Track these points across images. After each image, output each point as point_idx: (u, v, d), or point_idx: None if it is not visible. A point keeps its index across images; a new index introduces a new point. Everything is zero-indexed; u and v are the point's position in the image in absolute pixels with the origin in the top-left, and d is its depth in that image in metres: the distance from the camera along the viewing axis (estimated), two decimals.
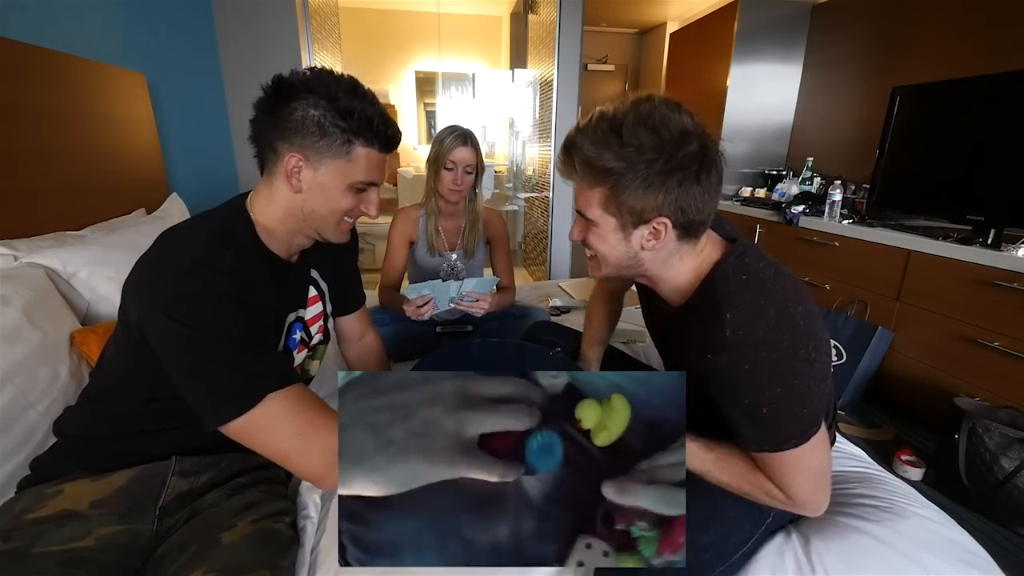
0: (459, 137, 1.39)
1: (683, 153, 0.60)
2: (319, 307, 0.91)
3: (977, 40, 2.00)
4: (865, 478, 0.91)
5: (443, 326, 1.54)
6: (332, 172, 0.71)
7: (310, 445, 0.62)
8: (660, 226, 0.63)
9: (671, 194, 0.61)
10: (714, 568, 0.69)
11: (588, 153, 0.62)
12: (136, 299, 0.66)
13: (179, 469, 0.74)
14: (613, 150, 0.61)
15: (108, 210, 1.47)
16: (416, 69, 4.63)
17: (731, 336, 0.60)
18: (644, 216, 0.63)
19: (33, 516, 0.64)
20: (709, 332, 0.62)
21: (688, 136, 0.60)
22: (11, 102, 1.15)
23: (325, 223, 0.76)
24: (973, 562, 0.73)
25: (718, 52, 2.96)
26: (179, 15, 2.11)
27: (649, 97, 0.62)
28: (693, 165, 0.60)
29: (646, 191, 0.61)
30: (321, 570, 0.72)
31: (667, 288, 0.73)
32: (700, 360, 0.63)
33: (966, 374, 1.67)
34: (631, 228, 0.65)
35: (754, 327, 0.60)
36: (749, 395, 0.61)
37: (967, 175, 1.79)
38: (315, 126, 0.67)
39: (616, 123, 0.61)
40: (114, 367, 0.74)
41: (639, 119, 0.60)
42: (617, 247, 0.68)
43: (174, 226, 0.74)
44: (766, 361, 0.59)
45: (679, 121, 0.60)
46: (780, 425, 0.62)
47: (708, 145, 0.61)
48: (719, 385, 0.64)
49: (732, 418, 0.65)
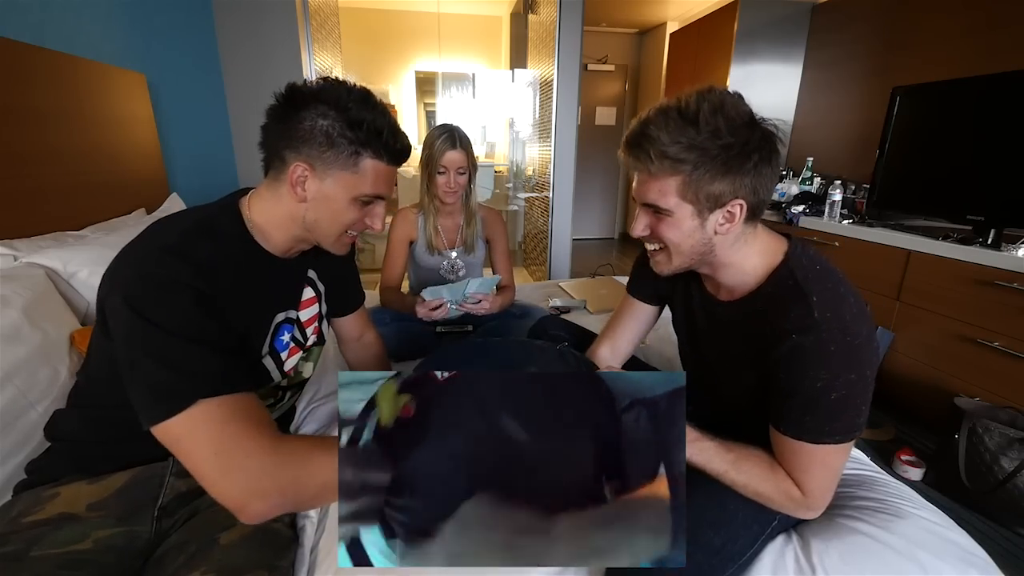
0: (448, 140, 1.39)
1: (756, 136, 0.63)
2: (315, 308, 0.90)
3: (977, 40, 2.00)
4: (865, 479, 0.91)
5: (443, 326, 1.54)
6: (338, 183, 0.70)
7: (230, 465, 0.54)
8: (735, 208, 0.66)
9: (747, 176, 0.64)
10: (725, 571, 0.69)
11: (664, 142, 0.63)
12: (103, 283, 0.64)
13: (177, 470, 0.73)
14: (689, 137, 0.62)
15: (108, 210, 1.47)
16: (416, 69, 4.63)
17: (819, 317, 0.62)
18: (721, 200, 0.65)
19: (30, 519, 0.63)
20: (792, 314, 0.64)
21: (756, 122, 0.64)
22: (11, 102, 1.15)
23: (327, 235, 0.75)
24: (973, 562, 0.73)
25: (718, 52, 2.96)
26: (179, 15, 2.11)
27: (711, 88, 0.64)
28: (765, 147, 0.64)
29: (724, 175, 0.63)
30: (320, 570, 0.72)
31: (731, 275, 0.74)
32: (773, 347, 0.65)
33: (966, 374, 1.67)
34: (707, 213, 0.66)
35: (840, 311, 0.62)
36: (824, 377, 0.62)
37: (967, 175, 1.79)
38: (323, 136, 0.67)
39: (688, 112, 0.63)
40: (99, 367, 0.72)
41: (713, 107, 0.62)
42: (693, 234, 0.69)
43: (164, 216, 0.73)
44: (850, 346, 0.61)
45: (747, 108, 0.64)
46: (839, 414, 0.63)
47: (773, 131, 0.65)
48: (795, 367, 0.64)
49: (790, 405, 0.65)
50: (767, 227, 0.74)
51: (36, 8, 1.32)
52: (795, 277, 0.67)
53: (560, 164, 3.09)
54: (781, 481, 0.68)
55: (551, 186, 3.15)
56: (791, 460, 0.67)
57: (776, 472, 0.69)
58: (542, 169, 3.39)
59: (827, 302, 0.63)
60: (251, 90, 2.49)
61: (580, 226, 4.91)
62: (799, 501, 0.68)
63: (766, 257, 0.71)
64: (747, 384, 0.75)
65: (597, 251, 4.94)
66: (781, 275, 0.69)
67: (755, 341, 0.70)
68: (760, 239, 0.72)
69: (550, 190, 3.17)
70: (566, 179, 3.13)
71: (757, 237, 0.72)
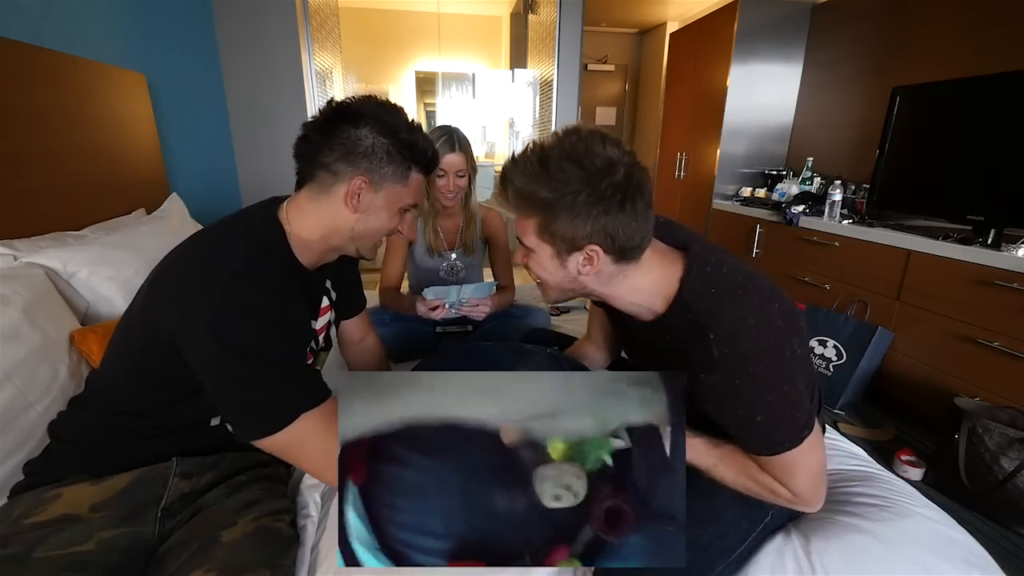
0: (447, 143, 1.38)
1: (607, 184, 0.61)
2: (328, 316, 0.93)
3: (977, 40, 2.00)
4: (865, 477, 0.91)
5: (443, 326, 1.54)
6: (389, 196, 0.76)
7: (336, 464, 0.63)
8: (592, 253, 0.65)
9: (598, 222, 0.62)
10: (713, 567, 0.69)
11: (519, 185, 0.65)
12: (175, 307, 0.65)
13: (180, 470, 0.73)
14: (542, 182, 0.62)
15: (108, 210, 1.47)
16: (416, 69, 4.63)
17: (718, 355, 0.61)
18: (576, 244, 0.64)
19: (32, 520, 0.63)
20: (696, 353, 0.64)
21: (614, 166, 0.61)
22: (11, 102, 1.15)
23: (368, 241, 0.80)
24: (973, 562, 0.73)
25: (718, 52, 2.96)
26: (179, 15, 2.11)
27: (576, 130, 0.64)
28: (617, 195, 0.61)
29: (574, 220, 0.62)
30: (321, 569, 0.72)
31: (625, 304, 0.73)
32: (691, 379, 0.65)
33: (966, 374, 1.67)
34: (566, 255, 0.66)
35: (738, 341, 0.61)
36: (742, 407, 0.63)
37: (967, 175, 1.79)
38: (384, 153, 0.73)
39: (544, 156, 0.63)
40: (119, 373, 0.74)
41: (564, 153, 0.62)
42: (556, 272, 0.69)
43: (207, 231, 0.74)
44: (755, 374, 0.61)
45: (604, 153, 0.62)
46: (774, 431, 0.64)
47: (633, 173, 0.62)
48: (712, 401, 0.66)
49: (728, 427, 0.68)
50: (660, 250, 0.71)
51: (36, 8, 1.32)
52: (691, 311, 0.65)
53: None
54: (769, 481, 0.68)
55: None
56: (769, 470, 0.68)
57: (763, 472, 0.69)
58: None
59: (724, 336, 0.61)
60: (251, 90, 2.49)
61: None
62: (791, 500, 0.69)
63: (662, 284, 0.69)
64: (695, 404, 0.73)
65: None
66: (679, 307, 0.67)
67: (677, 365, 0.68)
68: (646, 271, 0.69)
69: None
70: None
71: (640, 270, 0.69)
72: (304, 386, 0.66)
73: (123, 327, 0.74)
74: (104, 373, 0.77)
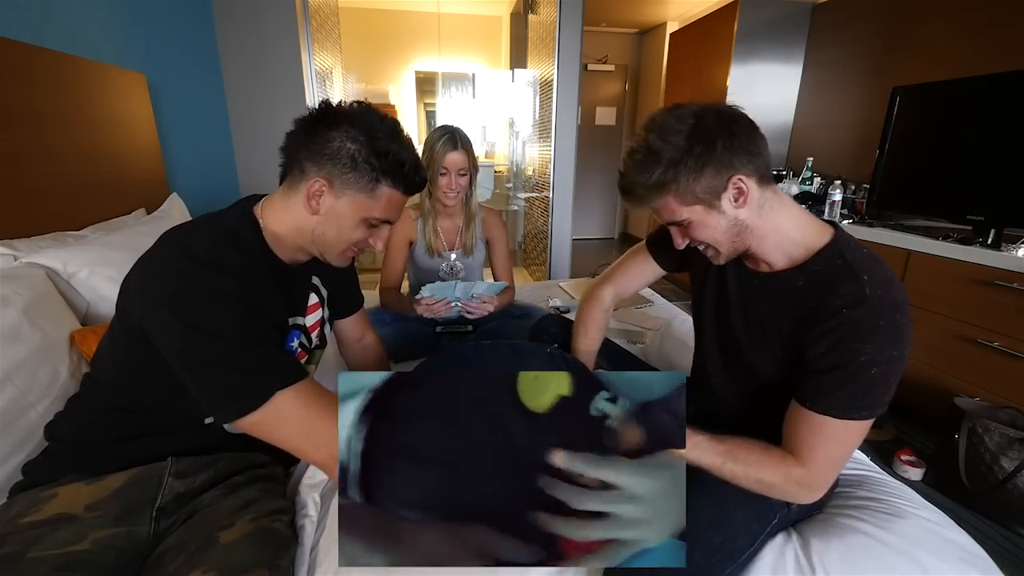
0: (449, 141, 1.39)
1: (707, 125, 0.67)
2: (319, 314, 0.92)
3: (977, 40, 2.01)
4: (865, 479, 0.91)
5: (443, 326, 1.54)
6: (351, 204, 0.74)
7: (319, 441, 0.64)
8: (738, 182, 0.69)
9: (724, 158, 0.67)
10: (723, 570, 0.69)
11: (640, 182, 0.71)
12: (138, 296, 0.66)
13: (175, 470, 0.73)
14: (653, 165, 0.69)
15: (108, 210, 1.47)
16: (416, 69, 4.63)
17: (871, 293, 0.65)
18: (718, 187, 0.69)
19: (28, 520, 0.63)
20: (843, 290, 0.67)
21: (701, 115, 0.68)
22: (11, 102, 1.15)
23: (331, 249, 0.78)
24: (973, 562, 0.73)
25: (718, 52, 2.96)
26: (179, 15, 2.11)
27: (651, 118, 0.72)
28: (725, 126, 0.68)
29: (702, 171, 0.68)
30: (320, 569, 0.72)
31: (774, 245, 0.75)
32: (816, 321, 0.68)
33: (966, 374, 1.67)
34: (716, 201, 0.70)
35: (891, 291, 0.65)
36: (869, 351, 0.64)
37: (967, 175, 1.79)
38: (348, 159, 0.71)
39: (643, 147, 0.70)
40: (109, 370, 0.74)
41: (655, 131, 0.69)
42: (719, 223, 0.72)
43: (178, 225, 0.74)
44: (899, 323, 0.64)
45: (686, 111, 0.69)
46: (874, 389, 0.65)
47: (720, 109, 0.70)
48: (841, 340, 0.66)
49: (826, 379, 0.67)
50: (808, 214, 0.77)
51: (36, 8, 1.32)
52: (845, 258, 0.70)
53: (560, 164, 3.09)
54: (780, 462, 0.69)
55: (551, 186, 3.15)
56: (806, 436, 0.68)
57: (772, 455, 0.70)
58: (542, 169, 3.39)
59: (878, 282, 0.66)
60: (251, 90, 2.49)
61: (580, 226, 4.91)
62: (800, 480, 0.68)
63: (809, 233, 0.74)
64: (775, 356, 0.77)
65: (597, 251, 4.94)
66: (830, 254, 0.71)
67: (794, 314, 0.72)
68: (794, 216, 0.75)
69: (550, 190, 3.16)
70: (566, 179, 3.13)
71: (788, 213, 0.74)
72: (275, 366, 0.65)
73: (111, 323, 0.75)
74: (95, 370, 0.77)
